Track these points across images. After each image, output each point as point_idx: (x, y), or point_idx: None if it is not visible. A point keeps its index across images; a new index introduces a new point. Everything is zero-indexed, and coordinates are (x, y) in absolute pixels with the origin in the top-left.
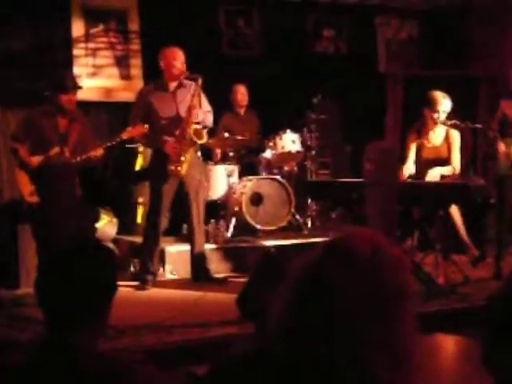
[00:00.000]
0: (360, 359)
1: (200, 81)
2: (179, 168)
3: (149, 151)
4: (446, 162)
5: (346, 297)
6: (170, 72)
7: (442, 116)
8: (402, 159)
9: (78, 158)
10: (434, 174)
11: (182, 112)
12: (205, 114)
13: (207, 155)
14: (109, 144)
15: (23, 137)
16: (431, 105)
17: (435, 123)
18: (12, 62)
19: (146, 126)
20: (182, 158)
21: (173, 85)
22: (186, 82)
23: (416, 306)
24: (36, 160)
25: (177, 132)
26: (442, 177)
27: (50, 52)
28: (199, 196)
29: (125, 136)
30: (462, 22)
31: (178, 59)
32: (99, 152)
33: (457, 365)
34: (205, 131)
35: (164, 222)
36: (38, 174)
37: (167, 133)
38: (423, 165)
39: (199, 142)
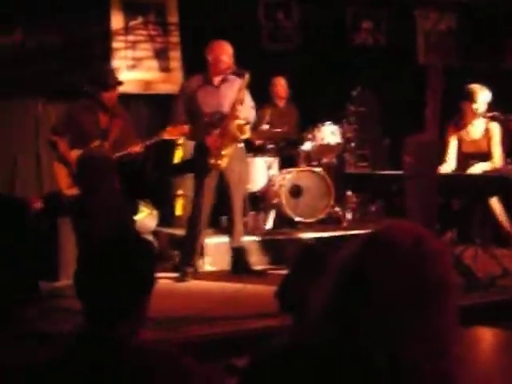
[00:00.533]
0: (400, 351)
1: (247, 76)
2: (219, 162)
3: (188, 144)
4: (486, 155)
5: (387, 288)
6: (216, 66)
7: (482, 108)
8: (442, 153)
9: (118, 154)
10: (475, 171)
11: (225, 106)
12: (248, 109)
13: (246, 147)
14: (148, 142)
15: (63, 130)
16: (470, 97)
17: (474, 116)
18: (52, 56)
19: (187, 126)
20: (223, 152)
21: (217, 79)
22: (231, 76)
23: (457, 299)
24: (75, 154)
25: (219, 126)
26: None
27: (89, 45)
28: (239, 189)
29: (165, 136)
30: (501, 14)
31: (225, 53)
32: (138, 149)
33: (496, 357)
34: (248, 127)
35: (207, 215)
36: (79, 165)
37: (210, 126)
38: (463, 159)
39: (242, 137)
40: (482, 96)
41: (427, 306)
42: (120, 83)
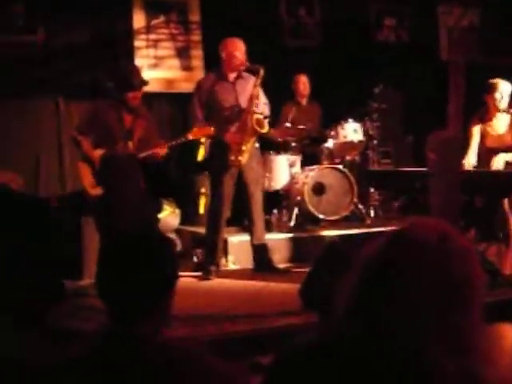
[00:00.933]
0: (425, 348)
1: (262, 72)
2: (240, 158)
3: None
4: (510, 150)
5: (413, 286)
6: (230, 62)
7: (504, 101)
8: (465, 148)
9: (142, 154)
10: (498, 161)
11: (242, 102)
12: (262, 105)
13: (269, 145)
14: (174, 143)
15: (88, 129)
16: (491, 90)
17: (498, 110)
18: (74, 55)
19: (212, 128)
20: (243, 148)
21: (232, 75)
22: (244, 73)
23: (483, 296)
24: (98, 153)
25: (238, 122)
26: (508, 163)
27: (111, 44)
28: (258, 187)
29: (191, 137)
30: None
31: (239, 50)
32: (163, 151)
33: None
34: (266, 121)
35: (226, 213)
36: (102, 164)
37: (228, 123)
38: (487, 153)
39: (261, 131)
40: (504, 89)
41: (452, 304)
42: (145, 83)
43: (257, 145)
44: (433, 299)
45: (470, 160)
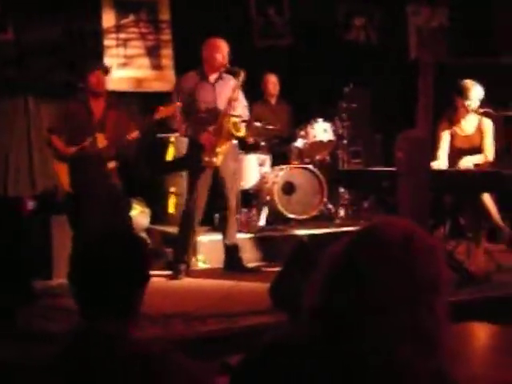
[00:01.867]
0: (391, 347)
1: (242, 75)
2: (214, 159)
3: (181, 141)
4: (479, 151)
5: (379, 284)
6: (210, 63)
7: (474, 104)
8: (434, 149)
9: (116, 144)
10: (466, 164)
11: (220, 104)
12: (242, 108)
13: (239, 145)
14: (143, 124)
15: (60, 129)
16: (463, 93)
17: (467, 112)
18: (44, 54)
19: (178, 103)
20: (218, 150)
21: (213, 76)
22: (225, 75)
23: (449, 294)
24: (73, 151)
25: (214, 124)
26: (475, 166)
27: (81, 43)
28: (234, 187)
29: (157, 116)
30: (493, 8)
31: (219, 51)
32: (136, 134)
33: (490, 353)
34: (243, 125)
35: (200, 213)
36: (71, 166)
37: (205, 124)
38: (456, 154)
39: (237, 135)
40: (475, 92)
41: (418, 303)
42: (106, 67)
43: (235, 143)
44: (399, 298)
45: (442, 162)
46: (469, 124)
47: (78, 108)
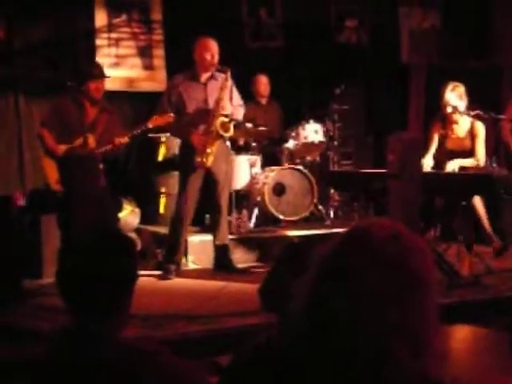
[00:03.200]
0: (380, 347)
1: (228, 73)
2: (205, 160)
3: (172, 141)
4: (470, 153)
5: (366, 283)
6: (200, 63)
7: (459, 105)
8: (425, 150)
9: (104, 148)
10: (452, 166)
11: (212, 104)
12: (235, 107)
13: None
14: (135, 132)
15: (51, 125)
16: (440, 95)
17: (459, 114)
18: (35, 53)
19: (172, 115)
20: (208, 150)
21: (205, 76)
22: (218, 74)
23: (438, 296)
24: (62, 148)
25: (204, 124)
26: (462, 168)
27: (72, 42)
28: (225, 187)
29: (150, 124)
30: (485, 10)
31: (209, 50)
32: (125, 140)
33: (478, 355)
34: (231, 124)
35: (191, 213)
36: (62, 165)
37: (195, 124)
38: (447, 156)
39: (225, 135)
40: (448, 92)
41: (405, 303)
42: (106, 76)
43: (227, 143)
44: (388, 297)
45: (427, 161)
46: (461, 127)
47: (70, 106)
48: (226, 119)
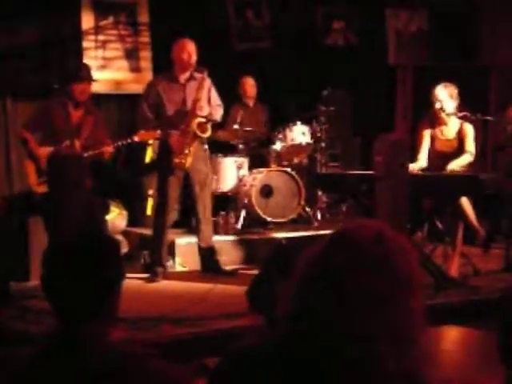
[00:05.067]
0: (365, 347)
1: (205, 74)
2: (183, 161)
3: (158, 143)
4: (458, 154)
5: (353, 284)
6: (177, 63)
7: (445, 105)
8: (414, 151)
9: (89, 153)
10: (452, 168)
11: (190, 105)
12: (213, 108)
13: (217, 147)
14: (120, 143)
15: (34, 127)
16: (431, 96)
17: (446, 114)
18: (21, 55)
19: (159, 131)
20: (186, 151)
21: (183, 77)
22: (197, 75)
23: (425, 297)
24: (44, 151)
25: (182, 125)
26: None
27: (59, 44)
28: (205, 189)
29: (137, 139)
30: (472, 12)
31: (185, 51)
32: (110, 149)
33: (465, 356)
34: (209, 125)
35: (173, 214)
36: (49, 164)
37: (173, 125)
38: (436, 157)
39: (202, 135)
40: (439, 92)
41: (391, 303)
42: (93, 78)
43: (205, 146)
44: (374, 297)
45: (421, 163)
46: (450, 128)
47: (58, 110)
48: (203, 120)
